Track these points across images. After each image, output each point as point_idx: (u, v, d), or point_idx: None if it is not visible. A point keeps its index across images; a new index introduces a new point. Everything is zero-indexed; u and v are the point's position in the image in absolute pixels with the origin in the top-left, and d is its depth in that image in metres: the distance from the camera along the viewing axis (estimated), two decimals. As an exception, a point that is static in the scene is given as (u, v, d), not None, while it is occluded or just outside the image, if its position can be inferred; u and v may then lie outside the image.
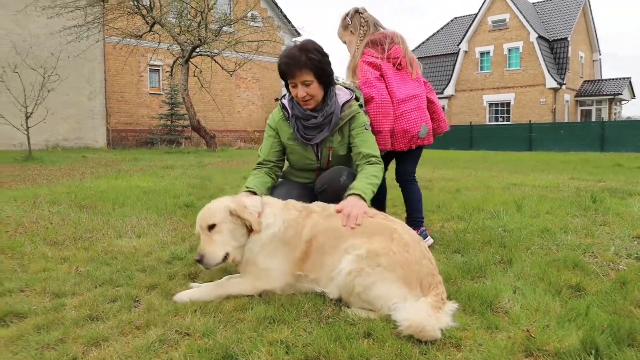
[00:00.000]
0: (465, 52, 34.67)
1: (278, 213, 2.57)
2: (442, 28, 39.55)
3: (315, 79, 2.97)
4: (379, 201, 3.64)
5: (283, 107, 3.22)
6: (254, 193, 2.92)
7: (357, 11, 3.61)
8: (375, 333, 1.99)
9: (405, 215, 3.70)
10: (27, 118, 13.70)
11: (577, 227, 4.07)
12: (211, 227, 2.48)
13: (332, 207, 2.62)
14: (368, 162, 3.05)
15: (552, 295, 2.40)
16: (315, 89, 3.00)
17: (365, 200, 2.68)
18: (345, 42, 3.68)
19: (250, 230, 2.52)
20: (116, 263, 3.11)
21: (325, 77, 3.02)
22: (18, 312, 2.27)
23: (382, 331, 2.00)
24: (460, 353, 1.87)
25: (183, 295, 2.44)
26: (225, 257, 2.48)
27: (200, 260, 2.44)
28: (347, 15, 3.64)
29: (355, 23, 3.60)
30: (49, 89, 14.61)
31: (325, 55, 3.02)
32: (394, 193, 4.03)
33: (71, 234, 3.92)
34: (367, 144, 3.11)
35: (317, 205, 2.67)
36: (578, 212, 4.76)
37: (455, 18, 39.81)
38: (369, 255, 2.24)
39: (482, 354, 1.85)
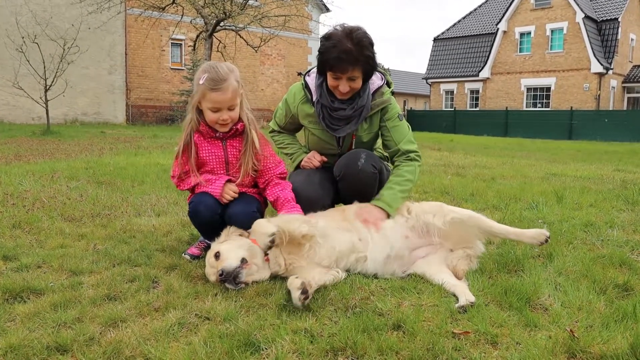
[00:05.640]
0: (504, 32, 32.06)
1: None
2: (479, 6, 36.74)
3: (362, 75, 2.77)
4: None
5: (306, 87, 3.02)
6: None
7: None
8: (406, 325, 1.89)
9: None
10: (46, 91, 13.65)
11: (624, 222, 3.83)
12: None
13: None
14: (407, 157, 2.97)
15: (596, 294, 2.26)
16: (359, 83, 2.81)
17: (388, 214, 2.68)
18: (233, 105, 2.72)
19: None
20: (135, 242, 3.05)
21: (371, 72, 2.83)
22: (35, 288, 2.22)
23: (413, 324, 1.89)
24: (496, 351, 1.76)
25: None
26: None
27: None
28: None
29: None
30: (69, 61, 14.50)
31: (374, 46, 2.78)
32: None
33: (89, 210, 3.87)
34: (405, 138, 3.00)
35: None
36: (625, 206, 4.50)
37: (494, -5, 37.54)
38: None
39: (520, 353, 1.73)
